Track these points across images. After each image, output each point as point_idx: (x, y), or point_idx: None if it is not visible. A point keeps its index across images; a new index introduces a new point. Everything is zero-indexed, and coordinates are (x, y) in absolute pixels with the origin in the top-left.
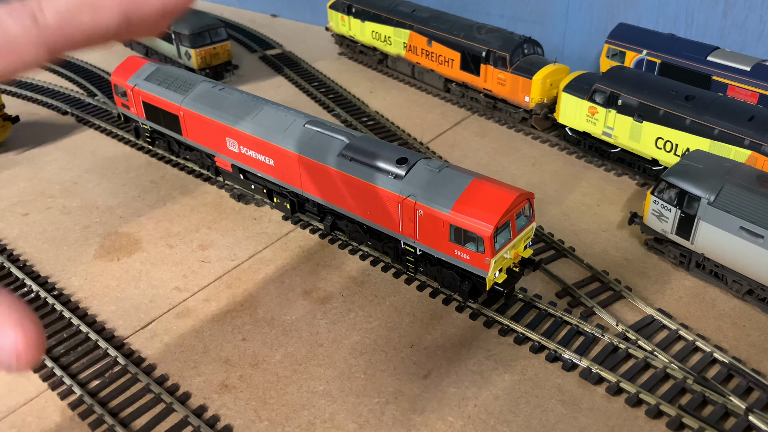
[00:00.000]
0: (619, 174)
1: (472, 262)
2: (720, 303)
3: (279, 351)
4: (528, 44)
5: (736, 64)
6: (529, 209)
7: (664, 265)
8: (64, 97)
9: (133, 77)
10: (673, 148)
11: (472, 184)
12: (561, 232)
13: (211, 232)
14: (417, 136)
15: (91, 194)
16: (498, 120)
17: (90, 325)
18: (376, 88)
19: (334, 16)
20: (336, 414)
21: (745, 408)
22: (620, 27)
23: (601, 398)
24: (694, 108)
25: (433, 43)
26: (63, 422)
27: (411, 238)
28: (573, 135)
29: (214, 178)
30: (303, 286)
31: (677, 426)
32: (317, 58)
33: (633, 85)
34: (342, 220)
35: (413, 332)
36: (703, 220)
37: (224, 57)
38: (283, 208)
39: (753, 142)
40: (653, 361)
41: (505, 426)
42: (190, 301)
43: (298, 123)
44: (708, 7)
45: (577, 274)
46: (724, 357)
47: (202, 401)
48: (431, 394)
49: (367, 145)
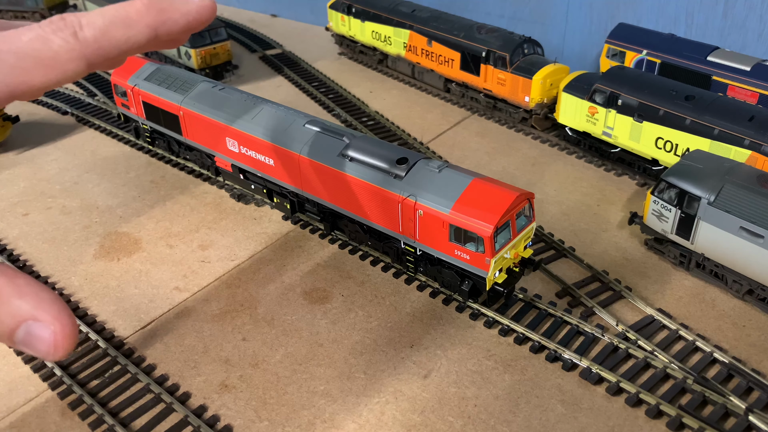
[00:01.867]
0: (619, 174)
1: (472, 262)
2: (720, 303)
3: (279, 351)
4: (528, 44)
5: (736, 64)
6: (529, 209)
7: (664, 265)
8: (64, 97)
9: (133, 77)
10: (673, 148)
11: (472, 184)
12: (561, 232)
13: (211, 232)
14: (417, 136)
15: (91, 194)
16: (498, 120)
17: (90, 325)
18: (376, 88)
19: (334, 16)
20: (336, 414)
21: (745, 408)
22: (620, 27)
23: (601, 398)
24: (694, 108)
25: (433, 43)
26: (63, 422)
27: (411, 238)
28: (573, 135)
29: (214, 178)
30: (303, 286)
31: (677, 426)
32: (317, 58)
33: (633, 85)
34: (342, 220)
35: (413, 332)
36: (703, 220)
37: (224, 57)
38: (283, 208)
39: (753, 142)
40: (653, 361)
41: (505, 426)
42: (190, 301)
43: (298, 123)
44: (708, 7)
45: (577, 274)
46: (724, 357)
47: (202, 401)
48: (431, 394)
49: (367, 145)
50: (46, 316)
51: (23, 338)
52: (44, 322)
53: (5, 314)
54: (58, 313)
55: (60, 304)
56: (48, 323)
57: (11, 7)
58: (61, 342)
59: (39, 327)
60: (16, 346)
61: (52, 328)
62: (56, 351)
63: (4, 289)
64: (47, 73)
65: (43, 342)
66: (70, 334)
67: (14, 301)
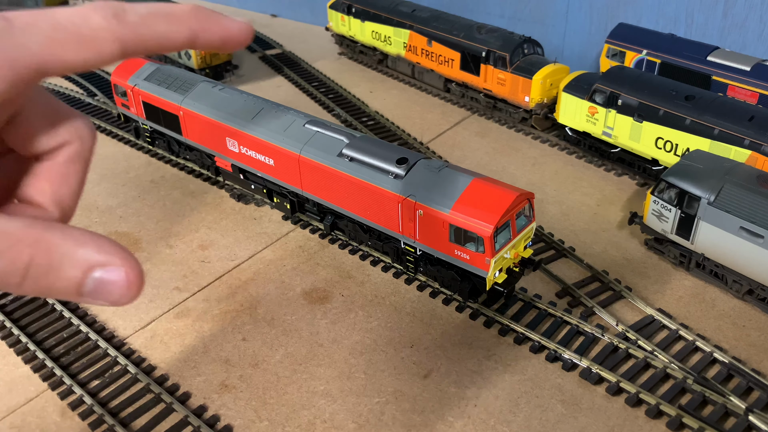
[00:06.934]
0: (619, 174)
1: (472, 262)
2: (720, 303)
3: (279, 351)
4: (528, 44)
5: (736, 64)
6: (529, 209)
7: (664, 265)
8: (64, 97)
9: (133, 77)
10: (673, 148)
11: (472, 184)
12: (561, 232)
13: (211, 232)
14: (417, 136)
15: (91, 194)
16: (498, 120)
17: (90, 325)
18: (376, 88)
19: (334, 16)
20: (336, 414)
21: (745, 408)
22: (620, 27)
23: (601, 398)
24: (694, 108)
25: (433, 43)
26: (63, 422)
27: (411, 238)
28: (573, 135)
29: (214, 178)
30: (303, 286)
31: (677, 426)
32: (317, 58)
33: (633, 85)
34: (342, 220)
35: (413, 332)
36: (703, 220)
37: (224, 57)
38: (283, 208)
39: (753, 142)
40: (653, 361)
41: (505, 426)
42: (190, 301)
43: (298, 123)
44: (708, 7)
45: (577, 274)
46: (724, 357)
47: (202, 401)
48: (431, 394)
49: (367, 145)
50: (115, 260)
51: (93, 287)
52: (113, 265)
53: (70, 266)
54: (124, 255)
55: (121, 246)
56: (118, 265)
57: (11, 8)
58: (134, 281)
59: (109, 271)
60: (84, 299)
61: (124, 269)
62: (130, 292)
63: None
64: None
65: (116, 285)
66: (140, 273)
67: (78, 251)
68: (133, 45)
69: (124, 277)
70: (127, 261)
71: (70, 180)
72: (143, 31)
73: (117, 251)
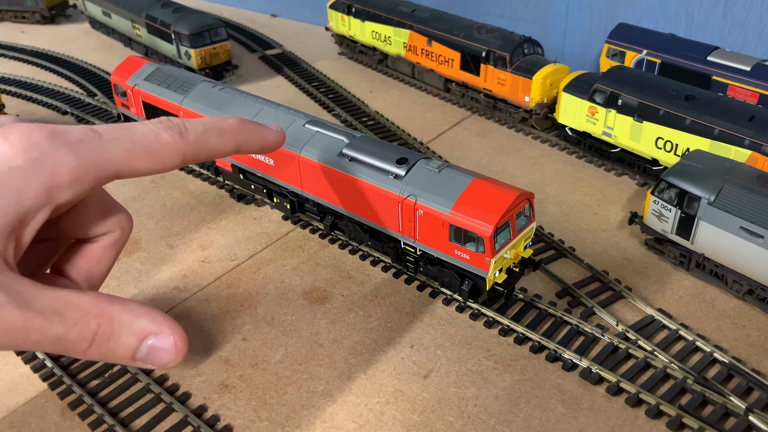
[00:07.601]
0: (619, 174)
1: (472, 262)
2: (720, 303)
3: (279, 351)
4: (528, 44)
5: (736, 64)
6: (529, 209)
7: (664, 265)
8: (64, 97)
9: (133, 77)
10: (673, 148)
11: (472, 184)
12: (561, 232)
13: (211, 232)
14: (417, 136)
15: None
16: (498, 120)
17: None
18: (376, 88)
19: (334, 16)
20: (336, 414)
21: (745, 408)
22: (620, 27)
23: (601, 398)
24: (694, 108)
25: (433, 43)
26: (63, 422)
27: (411, 238)
28: (573, 135)
29: (214, 178)
30: (303, 286)
31: (677, 426)
32: (317, 58)
33: (633, 85)
34: (342, 220)
35: (413, 332)
36: (703, 220)
37: (224, 57)
38: (283, 208)
39: (753, 142)
40: (653, 361)
41: (505, 426)
42: (190, 301)
43: (298, 123)
44: (708, 7)
45: (577, 274)
46: (724, 357)
47: (202, 401)
48: (431, 394)
49: (367, 145)
50: (165, 329)
51: (146, 353)
52: (164, 334)
53: (128, 335)
54: (172, 325)
55: (169, 317)
56: (168, 334)
57: (11, 7)
58: (181, 348)
59: (160, 339)
60: (136, 363)
61: (173, 338)
62: (177, 357)
63: (124, 314)
64: (151, 161)
65: (165, 351)
66: (186, 341)
67: (135, 321)
68: (190, 157)
69: (173, 344)
70: (175, 330)
71: (103, 263)
72: (200, 145)
73: (167, 321)
